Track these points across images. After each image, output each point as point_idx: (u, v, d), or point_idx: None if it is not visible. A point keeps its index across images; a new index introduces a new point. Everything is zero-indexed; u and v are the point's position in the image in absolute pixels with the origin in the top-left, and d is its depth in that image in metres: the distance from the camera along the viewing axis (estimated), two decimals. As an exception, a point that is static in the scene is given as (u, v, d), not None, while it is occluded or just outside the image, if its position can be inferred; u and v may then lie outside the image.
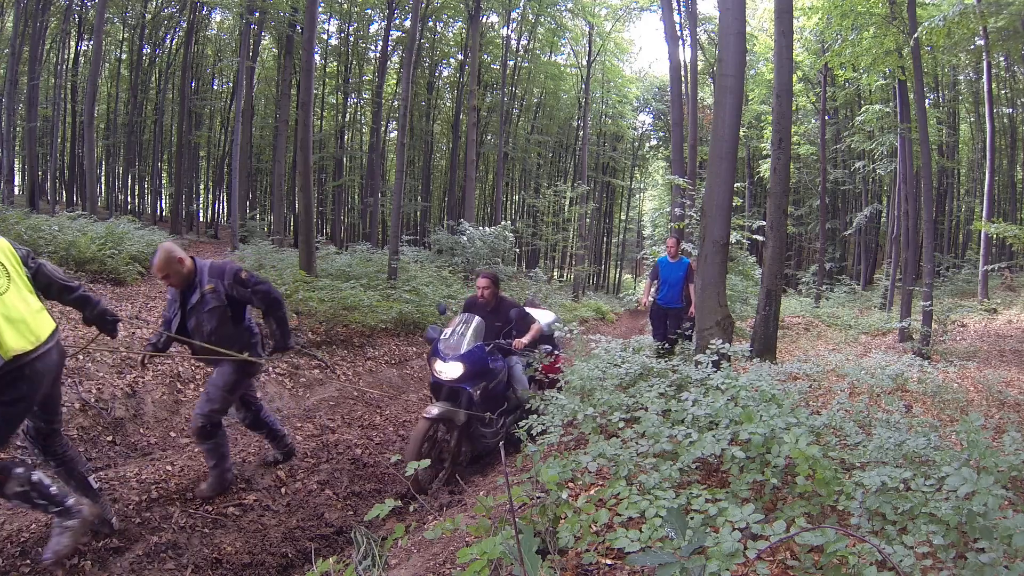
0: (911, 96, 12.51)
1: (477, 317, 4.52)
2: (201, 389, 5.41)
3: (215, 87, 26.82)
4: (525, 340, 4.55)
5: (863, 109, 18.02)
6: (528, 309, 5.73)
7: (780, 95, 6.42)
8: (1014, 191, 21.62)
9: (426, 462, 2.44)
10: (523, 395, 4.58)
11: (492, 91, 26.43)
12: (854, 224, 20.60)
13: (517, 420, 4.60)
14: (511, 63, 25.12)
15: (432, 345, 4.42)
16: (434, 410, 4.01)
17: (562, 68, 28.77)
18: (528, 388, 4.73)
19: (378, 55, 24.60)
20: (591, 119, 29.53)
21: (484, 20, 22.79)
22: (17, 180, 22.01)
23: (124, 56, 24.51)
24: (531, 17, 25.18)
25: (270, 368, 6.34)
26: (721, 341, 4.38)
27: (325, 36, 24.07)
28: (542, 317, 5.53)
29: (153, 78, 23.99)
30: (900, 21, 11.35)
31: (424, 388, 7.35)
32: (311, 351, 7.15)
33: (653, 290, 7.10)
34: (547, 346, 4.98)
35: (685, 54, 17.23)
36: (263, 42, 22.91)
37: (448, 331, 4.45)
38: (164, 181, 28.38)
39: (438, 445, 4.14)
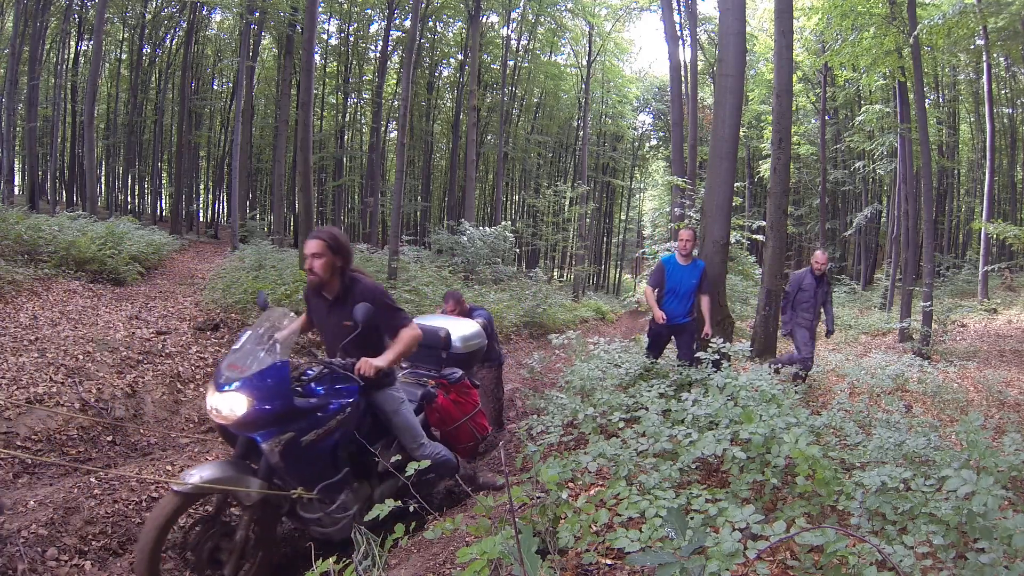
0: (911, 96, 12.53)
1: (290, 316, 2.97)
2: (202, 389, 5.41)
3: (215, 87, 26.83)
4: (379, 361, 2.71)
5: (863, 109, 18.04)
6: (453, 321, 4.21)
7: (780, 95, 6.43)
8: (1014, 191, 21.62)
9: (425, 463, 2.32)
10: (420, 449, 2.98)
11: (492, 91, 26.44)
12: (854, 224, 20.61)
13: (398, 494, 2.95)
14: (511, 63, 25.12)
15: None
16: (192, 477, 2.40)
17: (562, 68, 28.79)
18: (424, 442, 3.05)
19: (378, 55, 24.61)
20: (591, 119, 29.54)
21: (484, 20, 22.80)
22: (17, 180, 22.02)
23: (124, 56, 24.52)
24: (531, 17, 25.19)
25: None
26: (721, 341, 4.38)
27: (325, 36, 24.08)
28: (454, 327, 3.95)
29: (153, 78, 24.00)
30: (900, 21, 11.37)
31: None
32: (311, 350, 7.14)
33: (651, 301, 5.12)
34: (455, 370, 3.62)
35: (685, 54, 17.24)
36: (263, 42, 22.91)
37: (243, 338, 2.76)
38: (164, 181, 28.39)
39: (210, 536, 2.53)
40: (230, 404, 2.46)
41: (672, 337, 5.24)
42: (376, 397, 2.96)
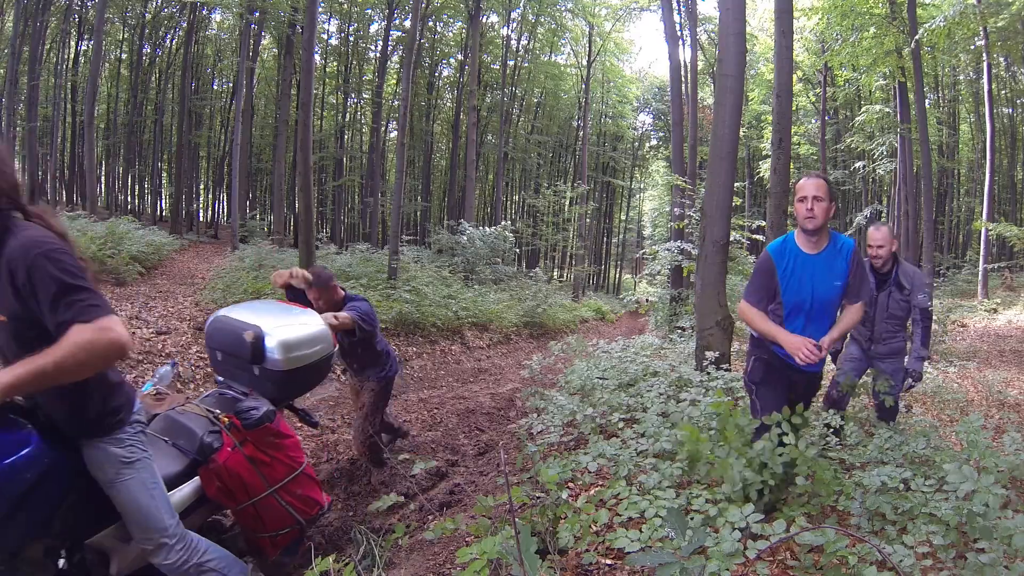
0: (911, 96, 12.54)
1: None
2: (203, 389, 5.41)
3: (215, 87, 26.81)
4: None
5: (863, 109, 18.03)
6: (282, 316, 2.68)
7: (780, 95, 6.42)
8: (1014, 191, 21.63)
9: (431, 463, 2.22)
10: (159, 552, 1.79)
11: (492, 91, 26.44)
12: (854, 224, 20.58)
13: None
14: (511, 63, 25.13)
15: None
16: None
17: (562, 68, 28.80)
18: (166, 535, 1.80)
19: (378, 55, 24.62)
20: (591, 119, 29.55)
21: (484, 20, 22.80)
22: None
23: (124, 56, 24.51)
24: (531, 17, 25.20)
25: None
26: (721, 341, 4.38)
27: (325, 36, 24.08)
28: (276, 326, 2.51)
29: (153, 78, 24.00)
30: (900, 21, 11.38)
31: (425, 387, 7.34)
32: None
33: (763, 326, 2.53)
34: (258, 404, 2.29)
35: (685, 54, 17.22)
36: (263, 42, 22.91)
37: None
38: (164, 181, 28.37)
39: None
40: None
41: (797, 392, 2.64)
42: (85, 452, 1.73)
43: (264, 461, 2.23)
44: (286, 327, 2.56)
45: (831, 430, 2.78)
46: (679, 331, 8.42)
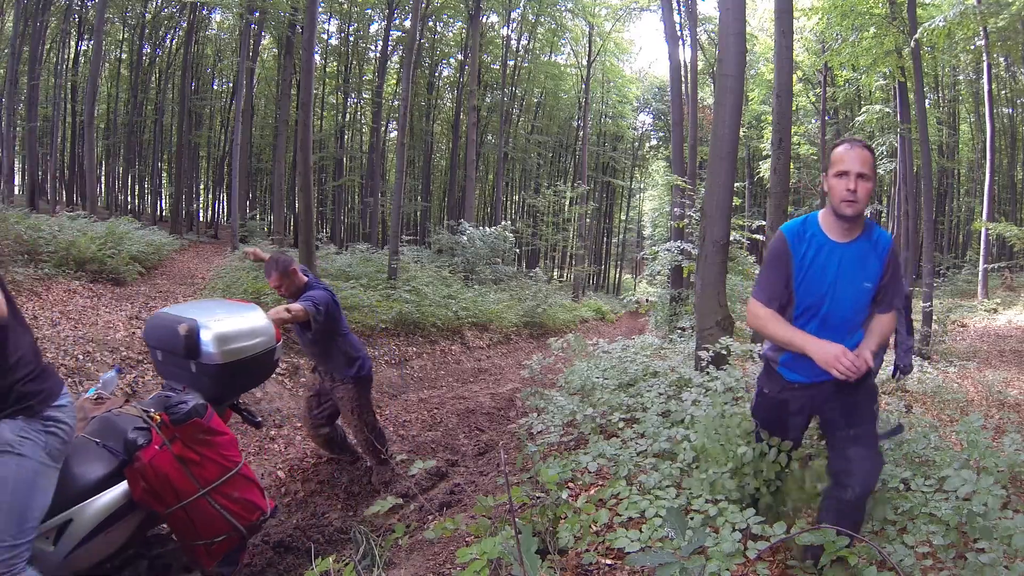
0: (911, 96, 12.53)
1: None
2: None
3: (215, 87, 26.81)
4: None
5: (863, 109, 18.04)
6: (217, 309, 2.60)
7: (780, 95, 6.41)
8: (1014, 191, 21.63)
9: (430, 462, 2.31)
10: None
11: (492, 91, 26.45)
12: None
13: None
14: (511, 63, 25.14)
15: None
16: None
17: (562, 68, 28.81)
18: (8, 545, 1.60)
19: (378, 55, 24.63)
20: (591, 119, 29.56)
21: (484, 20, 22.81)
22: (17, 180, 22.00)
23: (124, 56, 24.52)
24: (531, 17, 25.22)
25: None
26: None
27: (325, 36, 24.09)
28: (212, 319, 2.42)
29: (153, 78, 24.00)
30: (900, 21, 11.37)
31: (425, 387, 7.35)
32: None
33: (781, 331, 1.98)
34: (188, 398, 2.14)
35: (685, 54, 17.21)
36: (263, 42, 22.90)
37: None
38: (164, 181, 28.38)
39: None
40: None
41: (817, 415, 2.14)
42: None
43: (194, 460, 2.07)
44: (223, 320, 2.45)
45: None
46: (679, 331, 8.42)
